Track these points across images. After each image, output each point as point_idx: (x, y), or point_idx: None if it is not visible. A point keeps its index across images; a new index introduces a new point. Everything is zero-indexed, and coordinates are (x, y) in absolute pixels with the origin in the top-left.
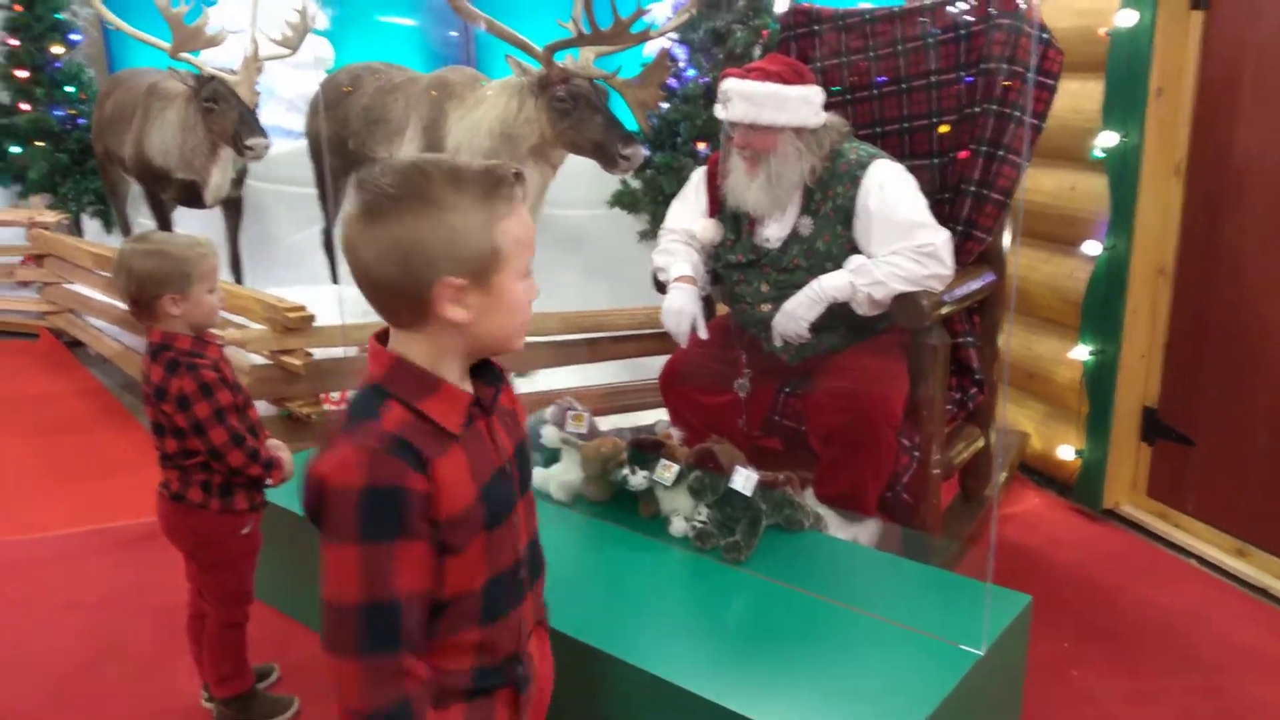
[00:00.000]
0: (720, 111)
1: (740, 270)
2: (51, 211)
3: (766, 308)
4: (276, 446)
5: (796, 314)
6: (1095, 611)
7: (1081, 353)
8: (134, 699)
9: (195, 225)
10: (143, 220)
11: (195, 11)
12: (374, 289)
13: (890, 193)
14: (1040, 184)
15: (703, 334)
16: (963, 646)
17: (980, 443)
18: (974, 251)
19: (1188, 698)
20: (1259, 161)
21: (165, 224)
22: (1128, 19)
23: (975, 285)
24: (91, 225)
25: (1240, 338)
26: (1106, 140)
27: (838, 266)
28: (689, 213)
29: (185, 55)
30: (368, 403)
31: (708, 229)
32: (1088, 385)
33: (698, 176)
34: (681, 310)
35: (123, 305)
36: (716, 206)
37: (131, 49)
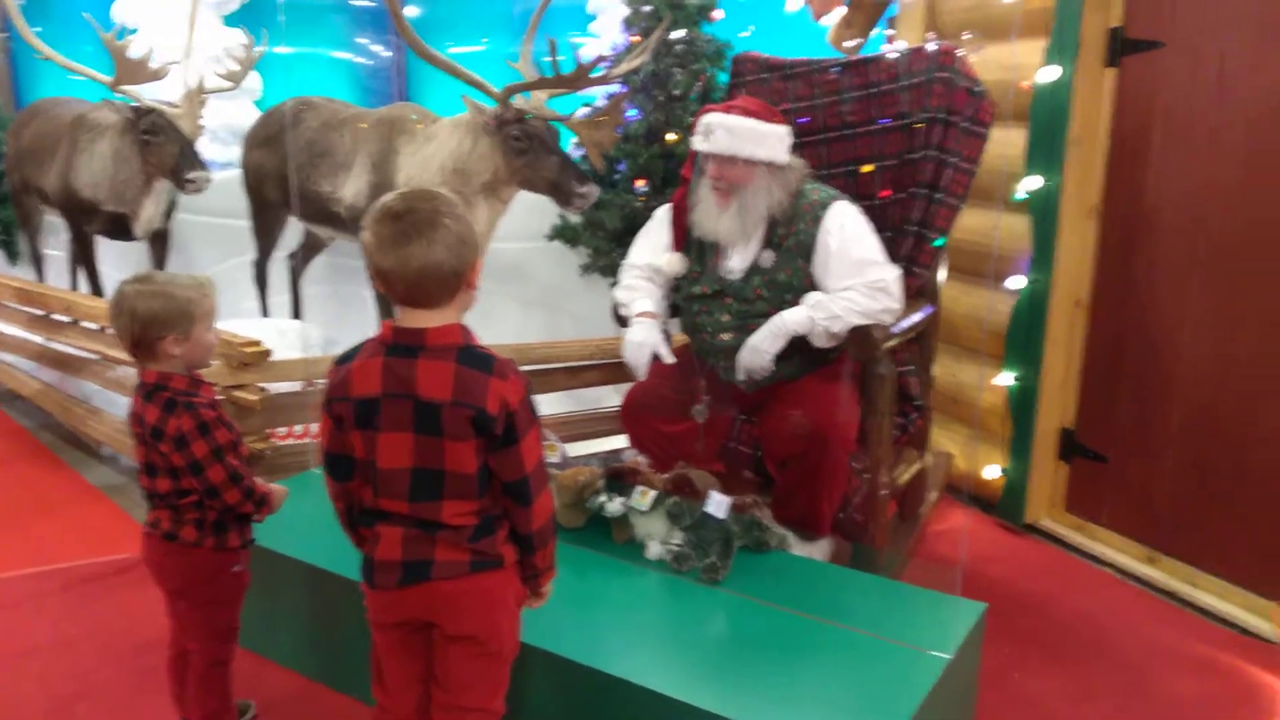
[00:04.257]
0: (700, 143)
1: (702, 301)
2: None
3: (726, 337)
4: (266, 483)
5: (760, 348)
6: (1026, 619)
7: (1005, 378)
8: None
9: (118, 257)
10: (53, 252)
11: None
12: (438, 278)
13: (849, 231)
14: (966, 223)
15: (668, 359)
16: (933, 652)
17: (917, 465)
18: (914, 286)
19: (1120, 695)
20: (1167, 204)
21: (88, 256)
22: (1049, 74)
23: (917, 318)
24: None
25: (1150, 364)
26: (1029, 184)
27: (797, 298)
28: (651, 248)
29: (124, 88)
30: (478, 353)
31: (673, 262)
32: (1011, 408)
33: (662, 213)
34: (642, 343)
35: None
36: (681, 241)
37: (41, 76)
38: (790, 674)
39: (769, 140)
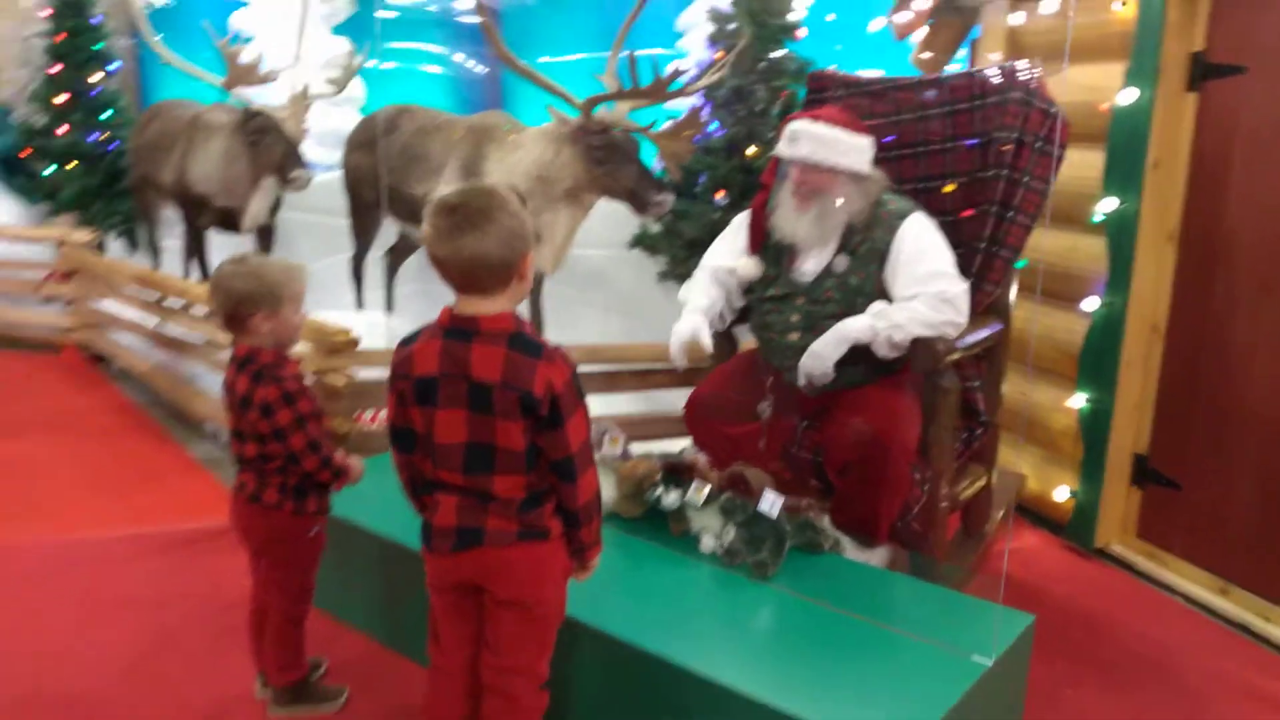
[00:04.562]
0: (785, 150)
1: (774, 302)
2: (84, 230)
3: (794, 337)
4: (345, 455)
5: (822, 354)
6: (1088, 640)
7: (1078, 400)
8: (191, 687)
9: (227, 249)
10: (170, 243)
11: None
12: (487, 269)
13: (922, 243)
14: (1043, 243)
15: (707, 346)
16: (974, 657)
17: (983, 481)
18: (983, 303)
19: None
20: (1247, 231)
21: (199, 248)
22: (1129, 96)
23: (983, 334)
24: (115, 245)
25: (1226, 391)
26: (1106, 206)
27: (867, 302)
28: (727, 251)
29: (236, 91)
30: (527, 340)
31: (748, 265)
32: (1083, 431)
33: (741, 218)
34: (680, 330)
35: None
36: (757, 245)
37: (164, 79)
38: (828, 667)
39: (852, 150)
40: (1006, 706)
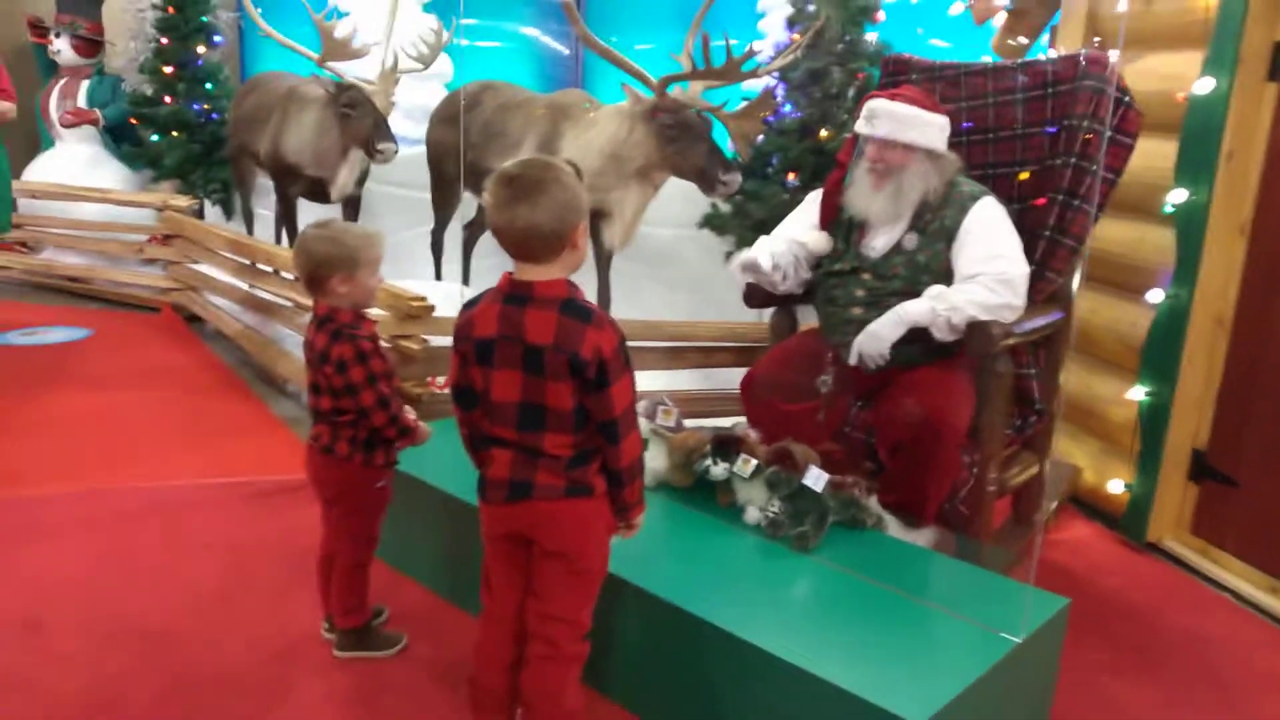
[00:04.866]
0: (863, 127)
1: (839, 277)
2: (184, 196)
3: (858, 311)
4: (415, 418)
5: (880, 334)
6: (1131, 631)
7: (1138, 393)
8: (264, 626)
9: (316, 218)
10: (263, 211)
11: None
12: (539, 238)
13: (991, 225)
14: (1111, 234)
15: (765, 266)
16: (1003, 634)
17: (1035, 469)
18: (1045, 291)
19: (1208, 712)
20: None
21: (290, 216)
22: (1205, 86)
23: (1041, 321)
24: (213, 212)
25: None
26: (1177, 197)
27: (933, 279)
28: (797, 224)
29: (330, 65)
30: (579, 305)
31: (819, 240)
32: (1141, 424)
33: (814, 195)
34: (744, 256)
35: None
36: (828, 222)
37: (263, 52)
38: (859, 635)
39: (929, 129)
40: (1037, 687)
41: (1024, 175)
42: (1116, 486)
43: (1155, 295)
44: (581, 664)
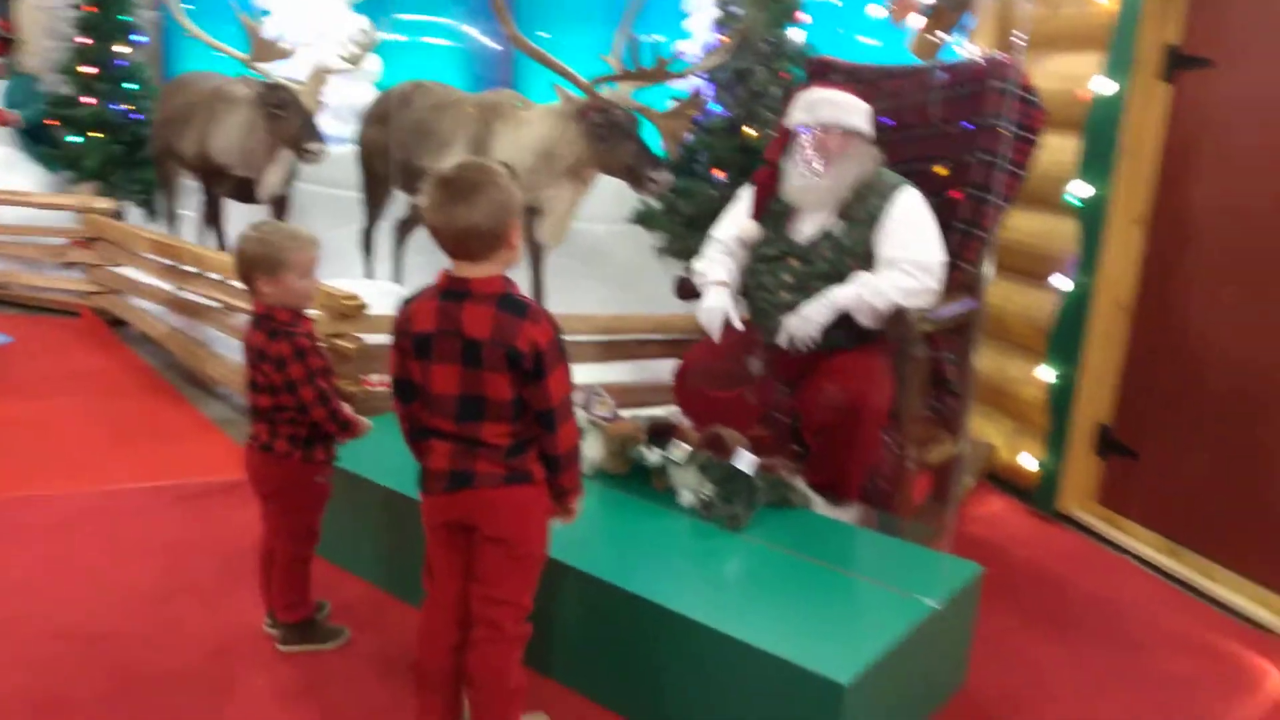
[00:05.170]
0: (803, 115)
1: (769, 263)
2: (105, 198)
3: (786, 295)
4: (353, 412)
5: (810, 317)
6: (1043, 595)
7: (1047, 374)
8: (206, 624)
9: (243, 220)
10: (186, 212)
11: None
12: (476, 237)
13: (912, 212)
14: (1020, 225)
15: (737, 324)
16: (922, 599)
17: (951, 448)
18: (959, 280)
19: (1114, 667)
20: (1212, 217)
21: (216, 216)
22: (1105, 86)
23: (955, 309)
24: (135, 213)
25: (1184, 367)
26: (1080, 190)
27: (857, 263)
28: (733, 222)
29: (258, 65)
30: (515, 300)
31: (748, 229)
32: (1051, 403)
33: (746, 190)
34: (715, 309)
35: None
36: (759, 213)
37: (186, 52)
38: (788, 605)
39: (864, 115)
40: (955, 648)
41: (940, 169)
42: (1028, 462)
43: (1061, 282)
44: (524, 644)
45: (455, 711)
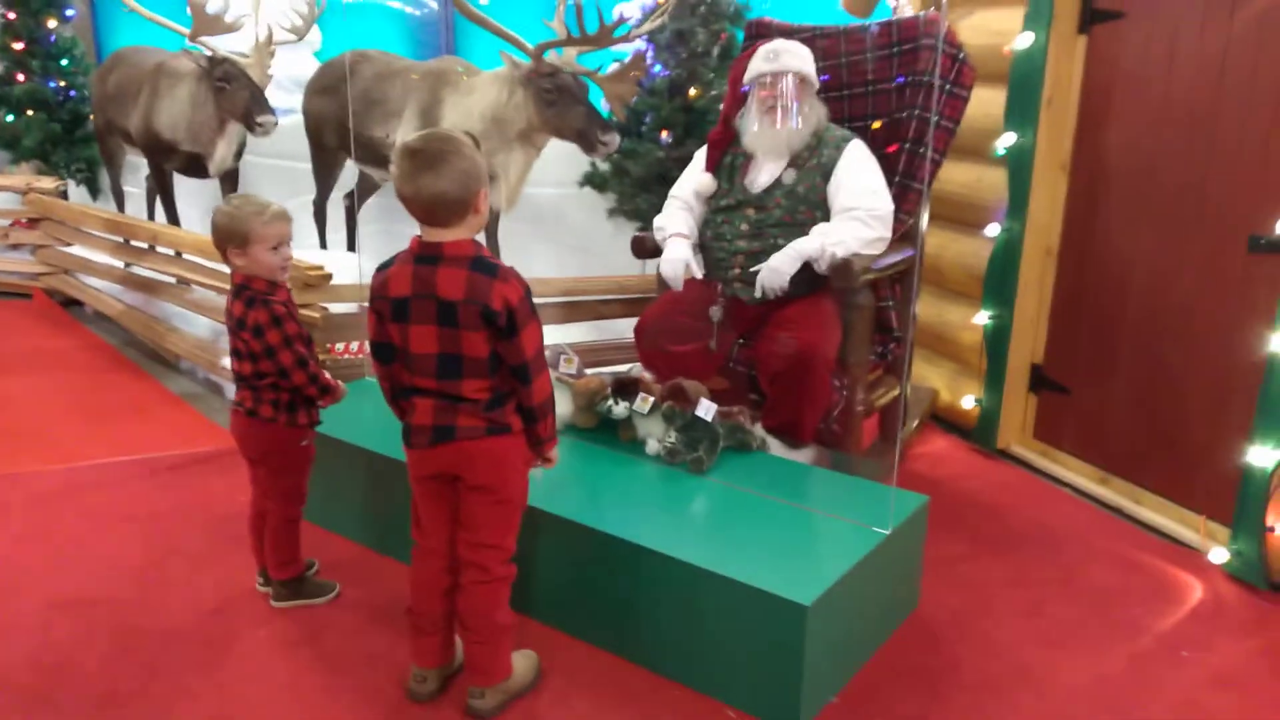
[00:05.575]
0: (766, 65)
1: (725, 213)
2: (48, 177)
3: (742, 243)
4: (330, 376)
5: (779, 269)
6: (986, 524)
7: (982, 318)
8: (198, 586)
9: (191, 193)
10: (132, 189)
11: None
12: (445, 205)
13: (863, 164)
14: (953, 176)
15: (698, 273)
16: (873, 528)
17: (896, 391)
18: (898, 230)
19: (1051, 583)
20: (1127, 160)
21: (166, 192)
22: (1026, 40)
23: (896, 258)
24: (77, 192)
25: (1107, 306)
26: (1006, 140)
27: (809, 211)
28: (690, 178)
29: (201, 40)
30: (486, 262)
31: (705, 182)
32: (986, 345)
33: (701, 150)
34: (677, 259)
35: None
36: (713, 166)
37: (118, 26)
38: (752, 538)
39: (813, 66)
40: (906, 571)
41: (876, 125)
42: (968, 402)
43: (993, 229)
44: (510, 584)
45: (449, 652)
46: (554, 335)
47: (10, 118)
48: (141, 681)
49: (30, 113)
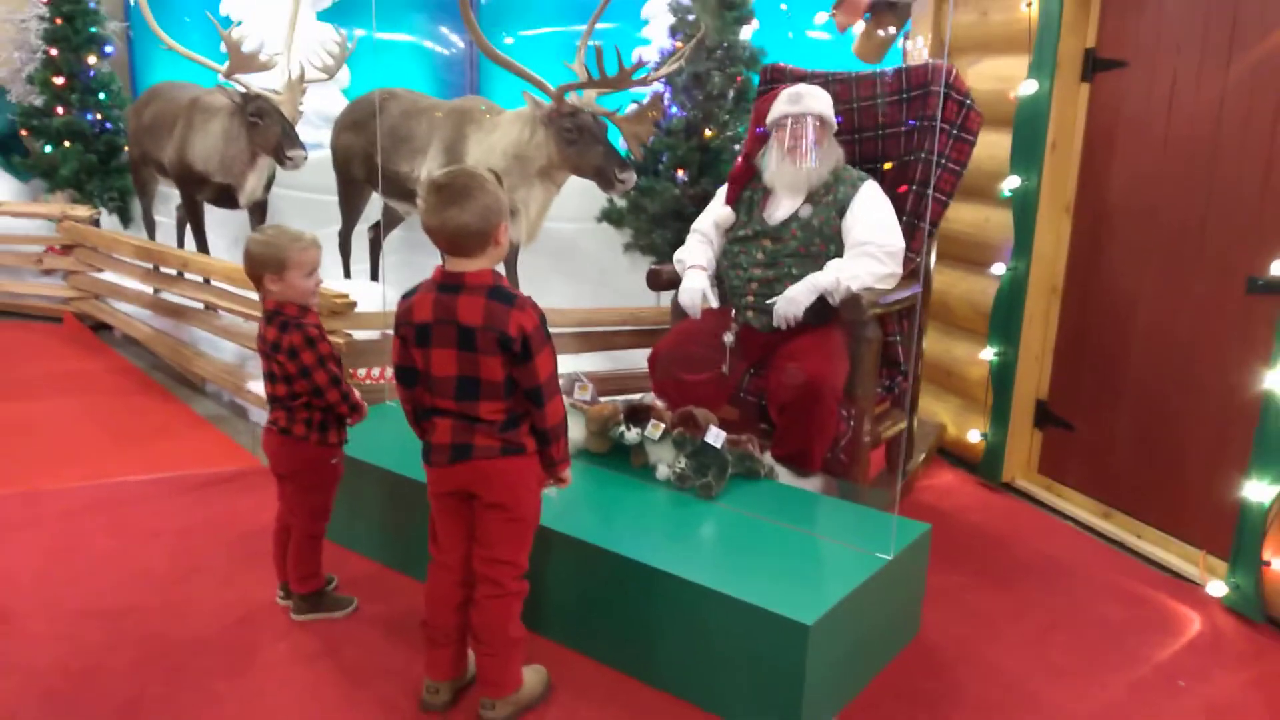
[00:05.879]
0: (790, 107)
1: (742, 243)
2: (82, 206)
3: (758, 271)
4: (359, 395)
5: (796, 299)
6: (990, 556)
7: (988, 354)
8: (223, 598)
9: (220, 223)
10: (162, 219)
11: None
12: (467, 236)
13: (877, 202)
14: (961, 216)
15: (714, 303)
16: (876, 554)
17: (903, 423)
18: (906, 267)
19: (1055, 614)
20: (1129, 202)
21: (198, 222)
22: (1030, 86)
23: (904, 294)
24: (109, 220)
25: (1110, 343)
26: (1012, 183)
27: (824, 243)
28: (712, 211)
29: (236, 77)
30: (504, 291)
31: (724, 215)
32: (992, 381)
33: (722, 186)
34: (694, 289)
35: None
36: (733, 200)
37: (154, 62)
38: (757, 561)
39: (833, 107)
40: (908, 598)
41: (887, 166)
42: (974, 436)
43: (999, 268)
44: (522, 599)
45: (462, 664)
46: (569, 364)
47: (49, 148)
48: (167, 688)
49: (67, 144)
